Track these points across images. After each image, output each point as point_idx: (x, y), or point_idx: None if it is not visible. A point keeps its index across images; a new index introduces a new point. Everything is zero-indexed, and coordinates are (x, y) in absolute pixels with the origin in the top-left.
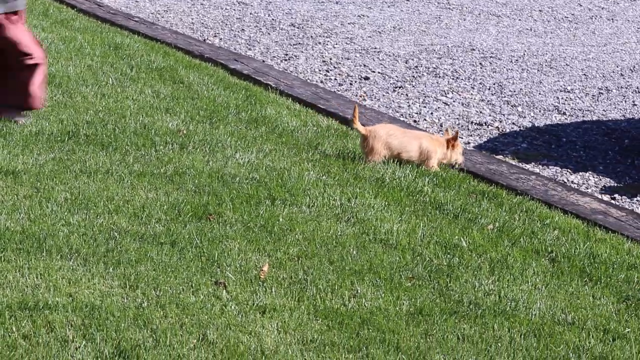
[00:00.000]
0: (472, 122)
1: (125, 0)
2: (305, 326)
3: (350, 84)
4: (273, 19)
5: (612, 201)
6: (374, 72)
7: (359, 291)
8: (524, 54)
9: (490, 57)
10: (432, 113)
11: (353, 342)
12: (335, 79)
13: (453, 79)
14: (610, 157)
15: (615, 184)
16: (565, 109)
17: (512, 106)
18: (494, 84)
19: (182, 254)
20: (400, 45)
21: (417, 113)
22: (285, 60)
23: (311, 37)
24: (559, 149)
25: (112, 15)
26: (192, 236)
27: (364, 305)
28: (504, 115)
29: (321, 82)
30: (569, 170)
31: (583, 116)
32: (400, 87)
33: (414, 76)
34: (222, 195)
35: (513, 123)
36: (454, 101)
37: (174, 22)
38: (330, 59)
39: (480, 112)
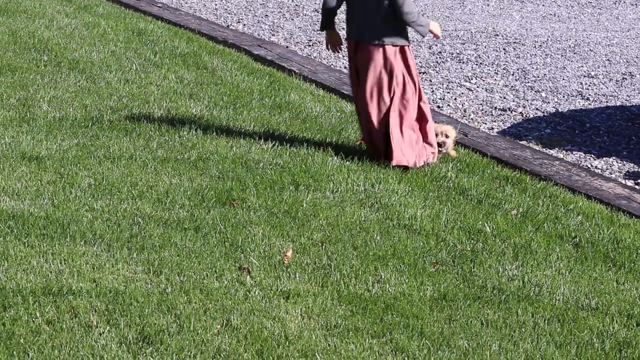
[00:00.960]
0: (495, 108)
1: None
2: (329, 311)
3: None
4: (297, 5)
5: (636, 186)
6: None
7: (382, 276)
8: (548, 40)
9: (514, 42)
10: (455, 99)
11: (377, 327)
12: None
13: (477, 64)
14: (634, 142)
15: (639, 169)
16: (589, 95)
17: (535, 92)
18: (518, 70)
19: (205, 239)
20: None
21: (440, 99)
22: (309, 45)
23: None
24: (582, 134)
25: (136, 1)
26: (216, 222)
27: (387, 290)
28: (527, 100)
29: (345, 68)
30: (592, 155)
31: (607, 101)
32: (424, 73)
33: (437, 62)
34: (246, 181)
35: (537, 108)
36: (477, 87)
37: (198, 8)
38: None
39: (504, 98)
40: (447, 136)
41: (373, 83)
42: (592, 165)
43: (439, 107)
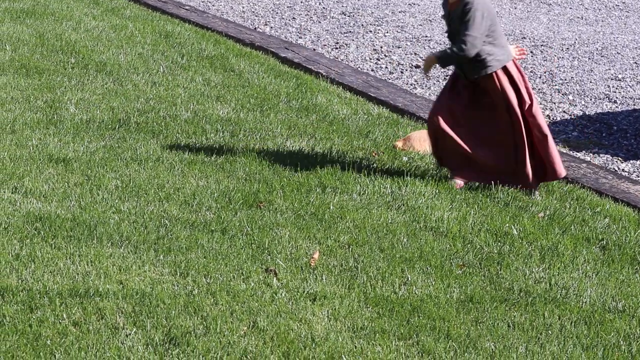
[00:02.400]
0: None
1: None
2: (355, 313)
3: (401, 72)
4: (324, 8)
5: None
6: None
7: (409, 279)
8: (575, 42)
9: (541, 45)
10: None
11: (403, 329)
12: (386, 67)
13: None
14: None
15: None
16: (616, 97)
17: (563, 94)
18: (545, 73)
19: (232, 241)
20: None
21: None
22: (336, 48)
23: (362, 25)
24: (609, 137)
25: (163, 3)
26: (243, 224)
27: (414, 292)
28: (554, 103)
29: (372, 70)
30: (619, 158)
31: (634, 104)
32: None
33: None
34: (273, 183)
35: (564, 111)
36: None
37: (225, 11)
38: (381, 47)
39: None
40: None
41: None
42: (619, 168)
43: None
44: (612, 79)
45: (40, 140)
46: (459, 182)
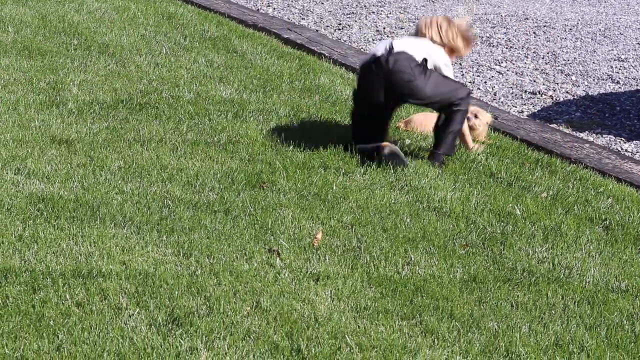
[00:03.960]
0: (525, 91)
1: None
2: (358, 293)
3: None
4: None
5: None
6: None
7: (412, 259)
8: (578, 23)
9: (544, 26)
10: (485, 82)
11: (407, 309)
12: None
13: (507, 48)
14: None
15: None
16: (619, 78)
17: (565, 75)
18: (548, 53)
19: (235, 222)
20: (454, 14)
21: (470, 82)
22: (339, 29)
23: (365, 6)
24: (612, 117)
25: None
26: (246, 204)
27: (417, 272)
28: (557, 84)
29: None
30: (622, 138)
31: (637, 85)
32: None
33: None
34: (276, 164)
35: (567, 92)
36: (507, 70)
37: None
38: (384, 28)
39: (534, 81)
40: (475, 116)
41: None
42: (622, 149)
43: None
44: (615, 60)
45: (43, 121)
46: None
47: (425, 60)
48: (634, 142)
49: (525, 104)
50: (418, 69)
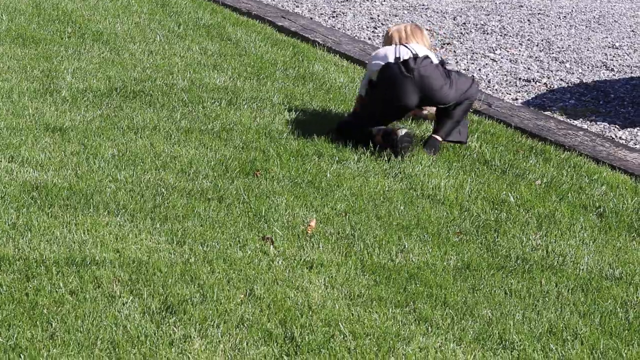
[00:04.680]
0: (520, 79)
1: None
2: (352, 281)
3: None
4: None
5: None
6: None
7: (406, 246)
8: (572, 11)
9: (539, 13)
10: (480, 70)
11: (400, 297)
12: (383, 36)
13: (501, 35)
14: None
15: None
16: (614, 65)
17: (560, 62)
18: (542, 41)
19: (229, 209)
20: (448, 1)
21: (465, 70)
22: (333, 17)
23: None
24: (607, 105)
25: None
26: (240, 192)
27: (411, 260)
28: (552, 71)
29: (369, 39)
30: (617, 126)
31: (631, 72)
32: (448, 44)
33: (461, 33)
34: (270, 151)
35: (561, 79)
36: (502, 58)
37: None
38: (378, 15)
39: (528, 69)
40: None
41: None
42: (616, 136)
43: None
44: (609, 47)
45: (36, 109)
46: None
47: (442, 62)
48: (628, 129)
49: (519, 92)
50: (444, 72)
